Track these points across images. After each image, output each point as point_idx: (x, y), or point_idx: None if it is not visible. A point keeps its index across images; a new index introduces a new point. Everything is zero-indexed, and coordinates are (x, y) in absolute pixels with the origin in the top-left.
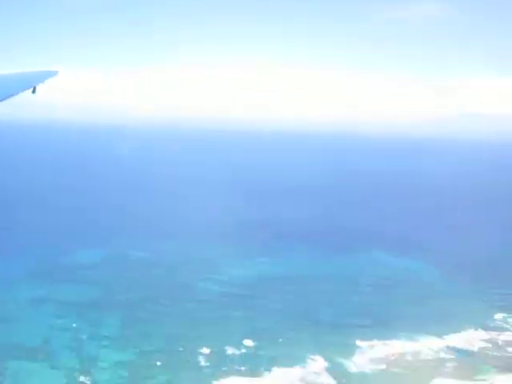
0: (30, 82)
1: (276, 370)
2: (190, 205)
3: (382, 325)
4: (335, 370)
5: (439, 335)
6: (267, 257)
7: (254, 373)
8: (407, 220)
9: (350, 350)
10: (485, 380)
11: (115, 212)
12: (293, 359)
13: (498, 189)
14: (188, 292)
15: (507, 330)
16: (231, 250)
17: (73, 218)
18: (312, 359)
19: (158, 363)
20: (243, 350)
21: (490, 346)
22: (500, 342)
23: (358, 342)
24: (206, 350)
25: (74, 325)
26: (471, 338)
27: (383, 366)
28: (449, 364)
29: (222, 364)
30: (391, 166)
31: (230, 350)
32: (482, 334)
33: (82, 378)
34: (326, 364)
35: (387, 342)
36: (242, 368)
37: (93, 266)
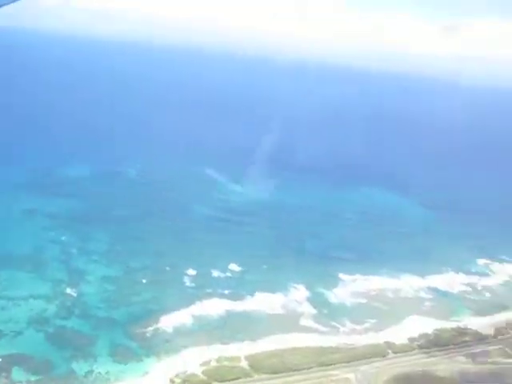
0: None
1: (258, 296)
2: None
3: (366, 260)
4: (316, 300)
5: (421, 274)
6: (261, 183)
7: (236, 296)
8: (399, 158)
9: (332, 282)
10: (459, 321)
11: (109, 128)
12: (276, 286)
13: (493, 134)
14: (180, 213)
15: (487, 275)
16: (227, 174)
17: (65, 132)
18: (294, 288)
19: (144, 280)
20: (228, 274)
21: (469, 289)
22: (479, 287)
23: (340, 275)
24: (192, 271)
25: (64, 238)
26: (452, 281)
27: (363, 300)
28: (427, 303)
29: (206, 286)
30: (385, 103)
31: (215, 273)
32: (463, 278)
33: (68, 290)
34: (307, 293)
35: (369, 277)
36: (226, 291)
37: (85, 180)
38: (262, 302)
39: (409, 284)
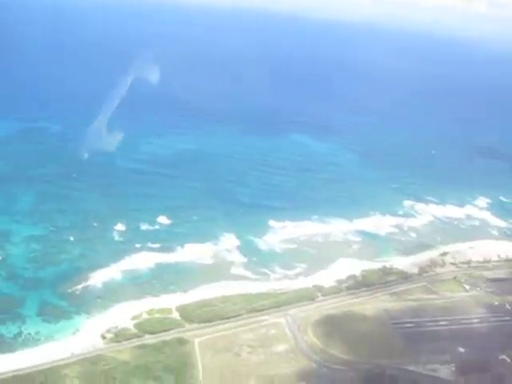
0: None
1: (188, 247)
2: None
3: (296, 207)
4: (246, 248)
5: (349, 218)
6: (187, 135)
7: (166, 249)
8: (333, 106)
9: (262, 230)
10: (386, 262)
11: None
12: (205, 236)
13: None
14: (104, 168)
15: (413, 216)
16: (151, 125)
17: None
18: (224, 237)
19: (72, 238)
20: (157, 227)
21: (396, 230)
22: (405, 228)
23: (271, 222)
24: (120, 226)
25: None
26: (379, 223)
27: (293, 246)
28: (355, 246)
29: (135, 240)
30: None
31: (143, 227)
32: (390, 220)
33: None
34: (237, 242)
35: (299, 223)
36: (155, 244)
37: (6, 139)
38: (192, 253)
39: (338, 228)
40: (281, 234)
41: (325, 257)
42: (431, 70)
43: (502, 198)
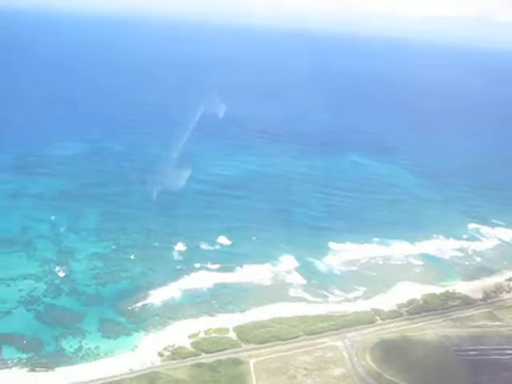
0: None
1: (247, 267)
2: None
3: (356, 228)
4: (305, 270)
5: (411, 241)
6: (250, 156)
7: (225, 269)
8: (386, 125)
9: (321, 252)
10: (448, 286)
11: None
12: (265, 257)
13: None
14: (168, 189)
15: (478, 240)
16: (216, 147)
17: (46, 109)
18: (283, 258)
19: (133, 257)
20: (217, 247)
21: (460, 254)
22: (469, 252)
23: (330, 244)
24: (180, 246)
25: (53, 217)
26: (442, 246)
27: (353, 268)
28: (416, 269)
29: (195, 259)
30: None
31: (204, 246)
32: (453, 243)
33: (57, 268)
34: (296, 263)
35: (359, 245)
36: (215, 264)
37: (70, 159)
38: (251, 274)
39: (399, 251)
40: (340, 256)
41: (385, 280)
42: (500, 89)
43: None
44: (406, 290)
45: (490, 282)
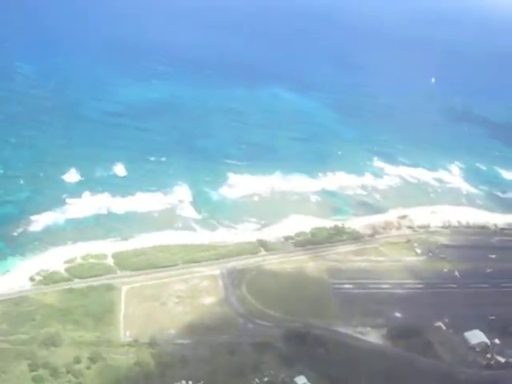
0: None
1: (139, 196)
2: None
3: (260, 162)
4: (198, 200)
5: (313, 176)
6: (161, 83)
7: (116, 197)
8: (316, 62)
9: (219, 183)
10: (340, 220)
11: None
12: (158, 187)
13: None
14: (69, 112)
15: (379, 177)
16: (124, 71)
17: None
18: (178, 188)
19: (22, 182)
20: (111, 176)
21: (360, 191)
22: (369, 189)
23: (230, 176)
24: (73, 173)
25: None
26: (343, 182)
27: (247, 200)
28: (312, 204)
29: (85, 187)
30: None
31: (97, 175)
32: (355, 180)
33: None
34: (190, 193)
35: (259, 178)
36: (106, 192)
37: None
38: (141, 203)
39: (299, 185)
40: (238, 187)
41: (277, 213)
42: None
43: (478, 165)
44: (297, 223)
45: (382, 218)
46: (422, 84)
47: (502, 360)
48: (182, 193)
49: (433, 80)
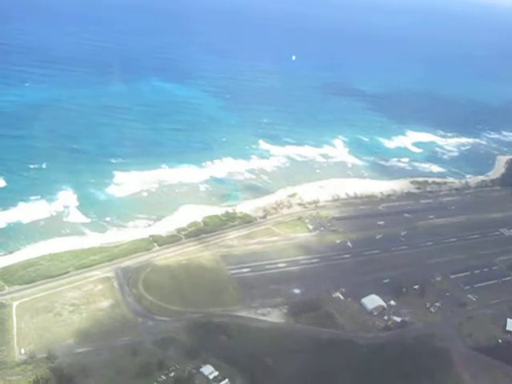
0: None
1: (22, 206)
2: None
3: (145, 157)
4: (85, 202)
5: (200, 165)
6: (33, 86)
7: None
8: (197, 51)
9: (105, 183)
10: (231, 206)
11: None
12: (42, 194)
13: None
14: None
15: (266, 158)
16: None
17: None
18: (63, 192)
19: None
20: None
21: (248, 175)
22: (257, 171)
23: (116, 174)
24: None
25: None
26: (231, 168)
27: (136, 197)
28: (202, 193)
29: None
30: None
31: None
32: (242, 164)
33: None
34: (76, 197)
35: (146, 173)
36: None
37: None
38: (25, 212)
39: (187, 176)
40: (125, 185)
41: (168, 206)
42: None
43: (360, 137)
44: (188, 213)
45: (272, 199)
46: (286, 62)
47: (399, 320)
48: (67, 198)
49: (293, 57)
